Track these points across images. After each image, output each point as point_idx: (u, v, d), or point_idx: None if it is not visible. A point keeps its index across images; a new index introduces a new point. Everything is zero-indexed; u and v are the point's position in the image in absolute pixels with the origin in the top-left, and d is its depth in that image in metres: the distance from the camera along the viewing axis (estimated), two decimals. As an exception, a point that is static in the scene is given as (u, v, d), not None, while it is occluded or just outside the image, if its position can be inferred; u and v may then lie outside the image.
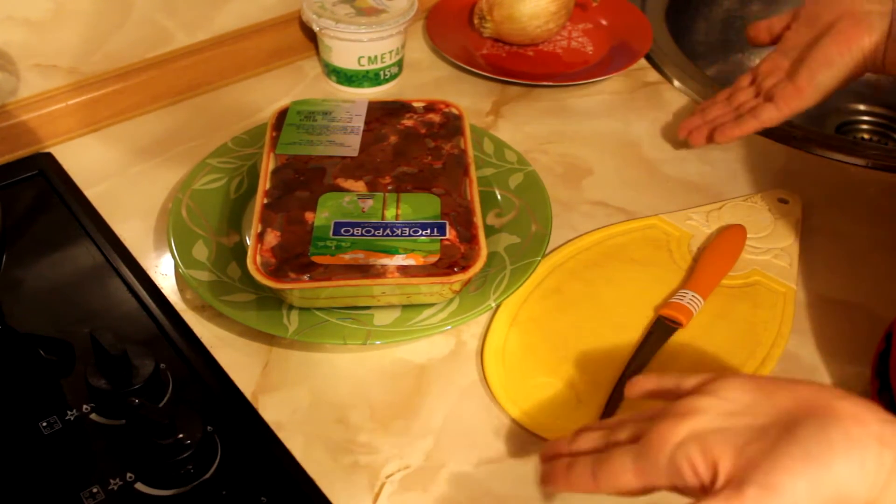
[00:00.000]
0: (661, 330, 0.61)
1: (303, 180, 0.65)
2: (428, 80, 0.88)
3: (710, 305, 0.63)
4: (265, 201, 0.63)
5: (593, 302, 0.64)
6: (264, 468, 0.53)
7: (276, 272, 0.58)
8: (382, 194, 0.64)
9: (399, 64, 0.87)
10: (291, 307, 0.60)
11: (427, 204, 0.63)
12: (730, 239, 0.68)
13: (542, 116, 0.84)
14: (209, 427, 0.53)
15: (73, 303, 0.63)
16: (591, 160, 0.78)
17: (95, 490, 0.51)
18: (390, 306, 0.61)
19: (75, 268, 0.65)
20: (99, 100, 0.79)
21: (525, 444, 0.55)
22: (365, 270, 0.58)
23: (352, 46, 0.83)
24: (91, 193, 0.72)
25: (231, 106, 0.84)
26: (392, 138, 0.70)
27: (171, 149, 0.78)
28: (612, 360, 0.60)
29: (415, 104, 0.73)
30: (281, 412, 0.57)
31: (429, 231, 0.61)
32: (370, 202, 0.63)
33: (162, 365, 0.57)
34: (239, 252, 0.65)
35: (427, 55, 0.92)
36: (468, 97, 0.85)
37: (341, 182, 0.65)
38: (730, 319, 0.63)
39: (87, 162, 0.76)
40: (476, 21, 0.92)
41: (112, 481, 0.51)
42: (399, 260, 0.59)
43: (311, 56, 0.90)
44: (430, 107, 0.73)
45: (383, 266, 0.59)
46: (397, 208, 0.63)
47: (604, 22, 0.96)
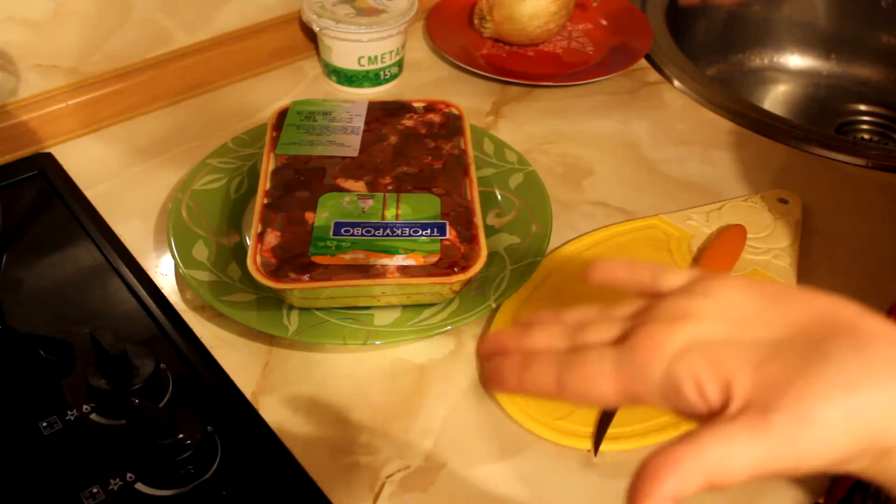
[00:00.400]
0: (662, 330, 0.61)
1: (303, 180, 0.65)
2: (428, 81, 0.88)
3: (711, 305, 0.63)
4: (265, 201, 0.63)
5: (593, 302, 0.64)
6: (264, 468, 0.53)
7: (277, 272, 0.58)
8: (382, 194, 0.64)
9: (399, 64, 0.87)
10: (291, 307, 0.60)
11: (427, 204, 0.63)
12: (730, 239, 0.68)
13: (542, 116, 0.84)
14: (209, 427, 0.53)
15: (73, 303, 0.63)
16: (592, 160, 0.78)
17: (95, 490, 0.51)
18: (390, 306, 0.61)
19: (75, 268, 0.65)
20: (99, 100, 0.79)
21: (525, 445, 0.55)
22: (365, 270, 0.58)
23: (352, 46, 0.83)
24: (91, 193, 0.72)
25: (231, 106, 0.84)
26: (392, 138, 0.70)
27: (171, 149, 0.78)
28: (613, 361, 0.60)
29: (415, 104, 0.73)
30: (281, 412, 0.57)
31: (429, 231, 0.61)
32: (370, 202, 0.63)
33: (162, 365, 0.57)
34: (239, 252, 0.65)
35: (427, 55, 0.92)
36: (468, 97, 0.85)
37: (341, 182, 0.65)
38: (730, 319, 0.63)
39: (88, 162, 0.76)
40: (476, 21, 0.92)
41: (112, 481, 0.51)
42: (399, 260, 0.59)
43: (311, 56, 0.90)
44: (431, 107, 0.73)
45: (383, 266, 0.59)
46: (397, 208, 0.63)
47: (604, 22, 0.96)
